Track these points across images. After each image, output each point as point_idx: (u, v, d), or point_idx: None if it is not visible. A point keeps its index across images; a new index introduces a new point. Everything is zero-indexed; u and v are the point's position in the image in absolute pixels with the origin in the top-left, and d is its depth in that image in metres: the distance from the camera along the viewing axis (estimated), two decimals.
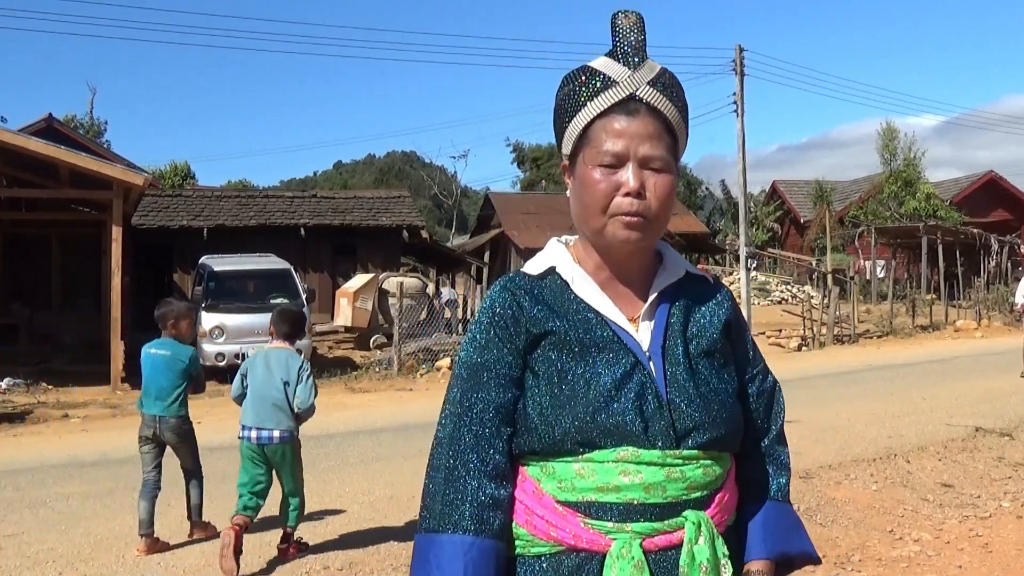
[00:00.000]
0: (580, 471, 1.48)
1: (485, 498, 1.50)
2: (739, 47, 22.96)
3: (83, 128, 36.51)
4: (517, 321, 1.55)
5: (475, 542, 1.48)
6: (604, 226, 1.52)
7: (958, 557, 5.11)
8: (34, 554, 5.52)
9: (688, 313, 1.60)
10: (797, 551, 1.65)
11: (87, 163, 13.83)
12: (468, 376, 1.56)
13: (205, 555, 5.46)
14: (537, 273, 1.60)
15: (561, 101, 1.59)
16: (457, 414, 1.55)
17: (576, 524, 1.48)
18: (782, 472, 1.69)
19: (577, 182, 1.57)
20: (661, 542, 1.47)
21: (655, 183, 1.51)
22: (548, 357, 1.53)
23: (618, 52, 1.56)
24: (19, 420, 11.24)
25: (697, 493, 1.50)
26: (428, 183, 55.37)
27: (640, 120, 1.51)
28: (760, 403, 1.68)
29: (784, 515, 1.66)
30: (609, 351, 1.52)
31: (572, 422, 1.48)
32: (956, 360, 15.98)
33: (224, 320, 14.96)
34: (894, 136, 37.32)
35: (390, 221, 22.53)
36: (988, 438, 8.62)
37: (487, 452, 1.52)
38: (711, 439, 1.51)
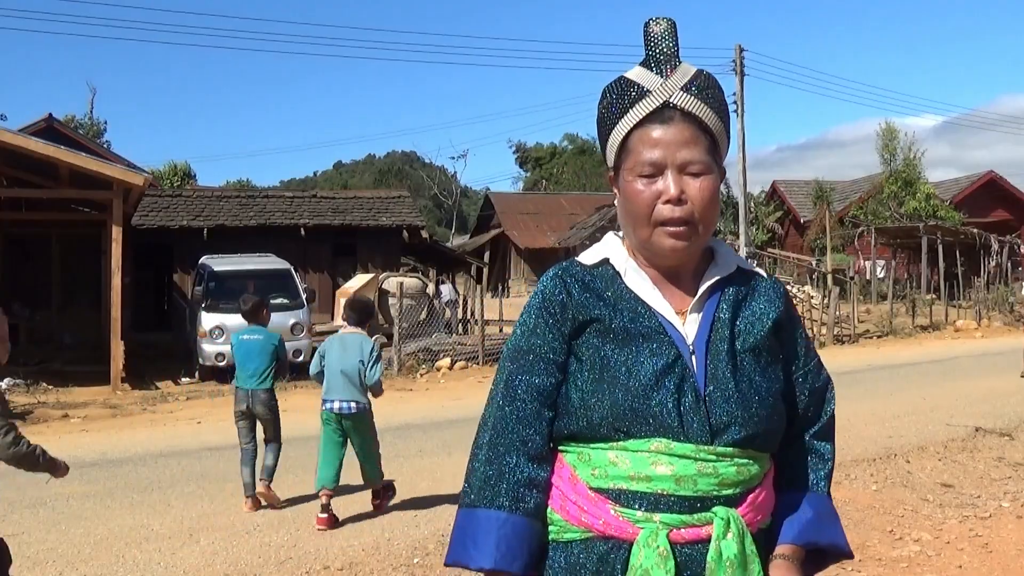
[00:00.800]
0: (614, 459, 1.52)
1: (522, 477, 1.54)
2: (739, 47, 23.00)
3: (83, 128, 36.50)
4: (564, 307, 1.58)
5: (509, 518, 1.52)
6: (650, 235, 1.55)
7: (958, 557, 5.12)
8: (34, 554, 5.52)
9: (737, 308, 1.61)
10: (827, 542, 1.63)
11: (87, 163, 13.83)
12: (514, 359, 1.61)
13: (205, 555, 5.46)
14: (591, 263, 1.64)
15: (601, 114, 1.62)
16: (502, 394, 1.60)
17: (607, 511, 1.51)
18: (822, 464, 1.67)
19: (621, 194, 1.60)
20: (688, 535, 1.48)
21: (696, 187, 1.53)
22: (592, 343, 1.56)
23: (651, 60, 1.59)
24: (19, 420, 11.22)
25: (729, 490, 1.51)
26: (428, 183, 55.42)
27: (675, 127, 1.54)
28: (811, 400, 1.68)
29: (818, 505, 1.64)
30: (653, 341, 1.54)
31: (610, 408, 1.51)
32: (956, 360, 15.99)
33: (224, 320, 14.94)
34: (894, 136, 37.35)
35: (390, 221, 22.53)
36: (988, 438, 8.62)
37: (527, 433, 1.56)
38: (746, 437, 1.51)
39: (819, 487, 1.66)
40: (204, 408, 12.25)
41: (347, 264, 22.03)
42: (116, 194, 14.05)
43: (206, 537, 5.82)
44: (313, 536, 5.82)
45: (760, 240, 38.39)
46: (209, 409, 12.11)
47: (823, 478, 1.67)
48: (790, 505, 1.62)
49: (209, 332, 14.89)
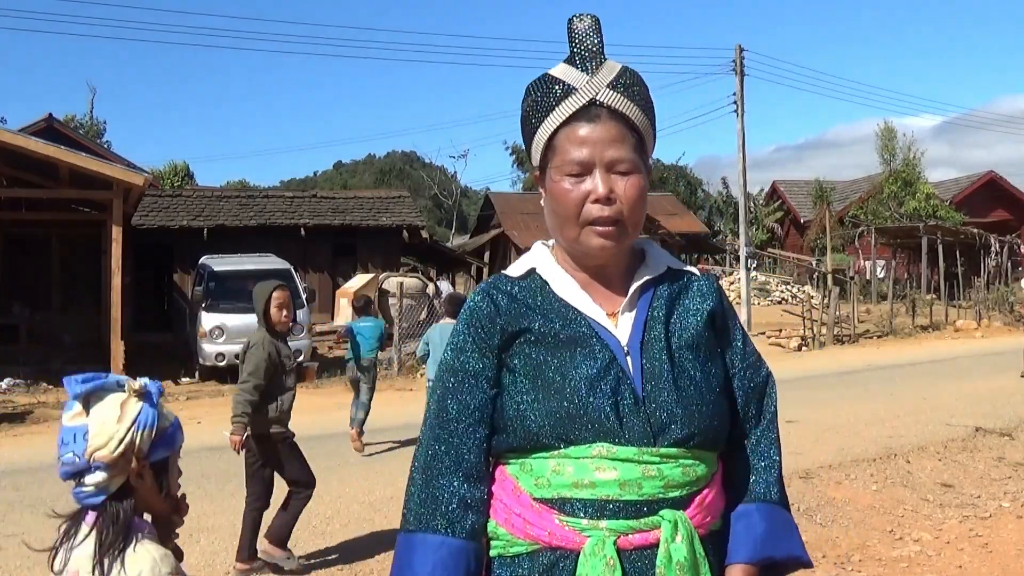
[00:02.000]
0: (556, 467, 1.48)
1: (457, 499, 1.52)
2: (739, 47, 22.97)
3: (83, 128, 36.48)
4: (492, 321, 1.56)
5: (444, 542, 1.50)
6: (578, 235, 1.53)
7: (958, 557, 5.12)
8: (34, 554, 5.51)
9: (671, 306, 1.58)
10: (784, 555, 1.57)
11: (87, 163, 13.82)
12: (445, 379, 1.59)
13: (205, 555, 5.46)
14: (518, 275, 1.61)
15: (526, 112, 1.59)
16: (435, 416, 1.57)
17: (551, 521, 1.48)
18: (772, 468, 1.62)
19: (548, 193, 1.56)
20: (637, 541, 1.45)
21: (624, 186, 1.51)
22: (525, 353, 1.54)
23: (576, 57, 1.55)
24: (19, 420, 11.23)
25: (675, 492, 1.47)
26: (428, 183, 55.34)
27: (602, 125, 1.51)
28: (751, 397, 1.63)
29: (772, 517, 1.58)
30: (586, 346, 1.52)
31: (546, 415, 1.48)
32: (956, 360, 15.98)
33: (224, 320, 14.95)
34: (893, 136, 37.36)
35: (390, 221, 22.53)
36: (988, 438, 8.62)
37: (461, 453, 1.53)
38: (688, 435, 1.48)
39: (771, 495, 1.59)
40: (204, 408, 12.25)
41: (347, 264, 22.04)
42: (116, 194, 14.05)
43: (206, 537, 5.82)
44: (313, 536, 5.83)
45: (760, 240, 38.42)
46: (209, 409, 12.10)
47: (773, 483, 1.61)
48: (742, 518, 1.57)
49: (209, 332, 14.88)
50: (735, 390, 1.62)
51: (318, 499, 6.66)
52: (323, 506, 6.48)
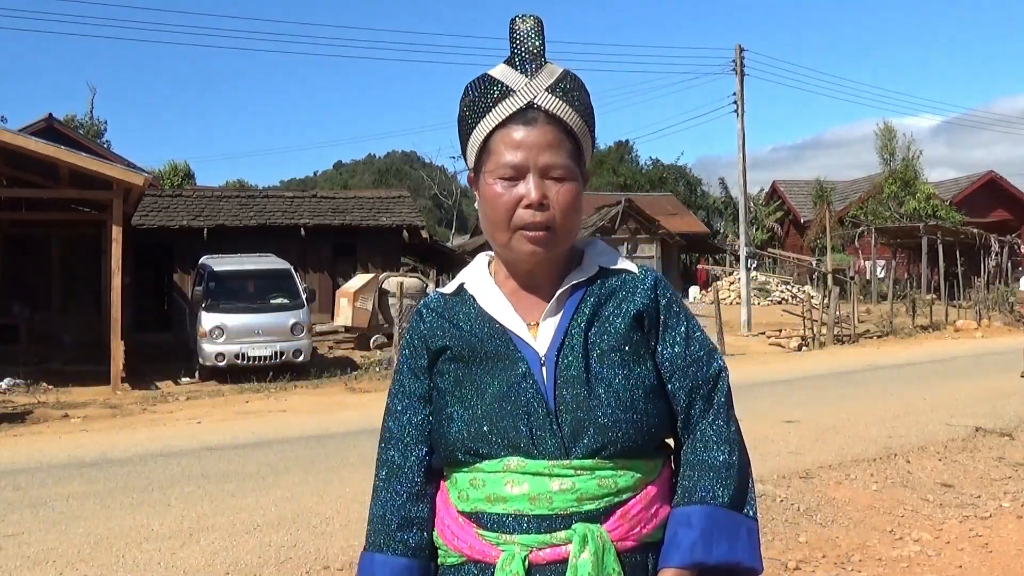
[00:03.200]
0: (472, 481, 1.50)
1: (398, 517, 1.57)
2: (739, 47, 22.97)
3: (83, 128, 36.47)
4: (422, 340, 1.59)
5: (387, 560, 1.55)
6: (509, 240, 1.50)
7: (958, 557, 5.12)
8: (34, 554, 5.52)
9: (597, 309, 1.53)
10: (719, 561, 1.46)
11: (87, 163, 13.82)
12: (389, 399, 1.64)
13: (205, 555, 5.46)
14: (450, 292, 1.62)
15: (462, 112, 1.56)
16: (381, 437, 1.63)
17: (471, 534, 1.49)
18: (714, 473, 1.50)
19: (481, 196, 1.54)
20: (548, 556, 1.43)
21: (557, 192, 1.48)
22: (447, 370, 1.55)
23: (516, 59, 1.53)
24: (19, 420, 11.23)
25: (591, 505, 1.44)
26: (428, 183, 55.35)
27: (538, 129, 1.48)
28: (694, 396, 1.54)
29: (708, 520, 1.47)
30: (502, 360, 1.51)
31: (459, 431, 1.50)
32: (956, 360, 15.98)
33: (224, 320, 14.96)
34: (893, 136, 37.37)
35: (390, 221, 22.53)
36: (988, 438, 8.62)
37: (402, 471, 1.58)
38: (603, 444, 1.45)
39: (714, 495, 1.48)
40: (204, 408, 12.25)
41: (347, 264, 22.03)
42: (116, 194, 14.05)
43: (206, 537, 5.82)
44: (313, 536, 5.82)
45: (760, 240, 38.42)
46: (209, 409, 12.10)
47: (720, 484, 1.49)
48: (676, 522, 1.48)
49: (209, 332, 14.88)
50: (676, 391, 1.54)
51: (318, 499, 6.67)
52: (323, 506, 6.48)
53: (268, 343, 15.09)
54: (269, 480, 7.44)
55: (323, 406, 12.02)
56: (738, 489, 1.51)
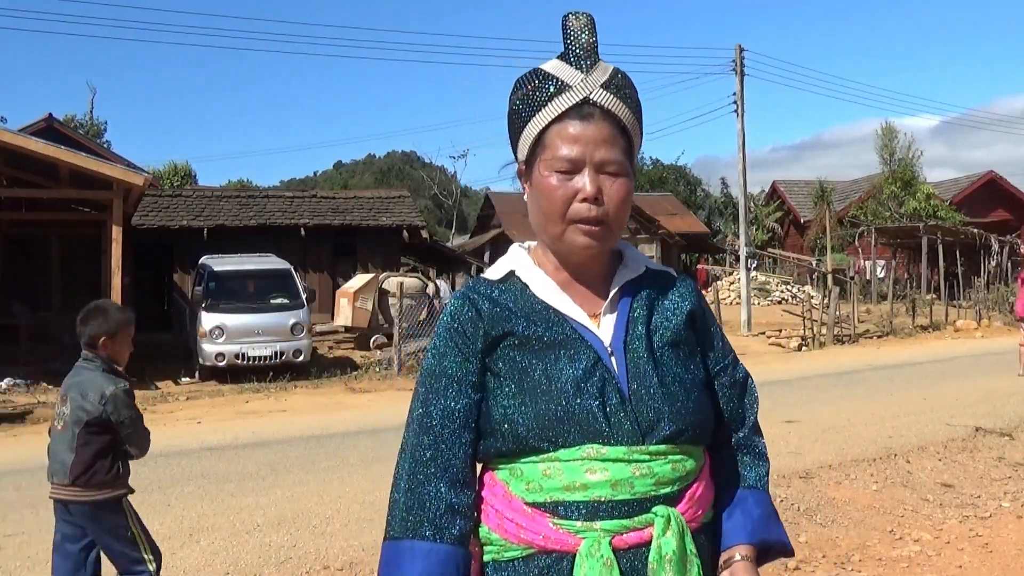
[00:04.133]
0: (546, 471, 1.49)
1: (443, 505, 1.51)
2: (739, 47, 22.96)
3: (83, 128, 36.47)
4: (475, 325, 1.55)
5: (432, 548, 1.49)
6: (563, 232, 1.53)
7: (958, 557, 5.12)
8: (35, 554, 5.52)
9: (651, 306, 1.60)
10: (775, 539, 1.62)
11: (87, 163, 13.82)
12: (428, 384, 1.58)
13: (205, 555, 5.46)
14: (497, 278, 1.61)
15: (515, 106, 1.58)
16: (418, 422, 1.56)
17: (545, 525, 1.48)
18: (760, 462, 1.67)
19: (534, 188, 1.56)
20: (631, 539, 1.46)
21: (612, 187, 1.51)
22: (509, 357, 1.54)
23: (570, 55, 1.55)
24: (19, 420, 11.24)
25: (666, 489, 1.49)
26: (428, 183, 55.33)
27: (595, 124, 1.51)
28: (733, 393, 1.67)
29: (763, 504, 1.63)
30: (570, 348, 1.52)
31: (534, 419, 1.48)
32: (956, 360, 15.98)
33: (224, 320, 14.96)
34: (893, 136, 37.36)
35: (390, 221, 22.52)
36: (988, 438, 8.62)
37: (446, 459, 1.53)
38: (676, 431, 1.50)
39: (762, 484, 1.65)
40: (204, 408, 12.25)
41: (347, 264, 22.03)
42: (116, 194, 14.05)
43: (206, 537, 5.82)
44: (313, 536, 5.82)
45: (760, 240, 38.43)
46: (209, 409, 12.11)
47: (764, 475, 1.66)
48: (739, 503, 1.61)
49: (209, 332, 14.88)
50: (720, 387, 1.65)
51: (318, 499, 6.67)
52: (323, 506, 6.48)
53: (268, 343, 15.09)
54: (269, 480, 7.44)
55: (323, 406, 12.02)
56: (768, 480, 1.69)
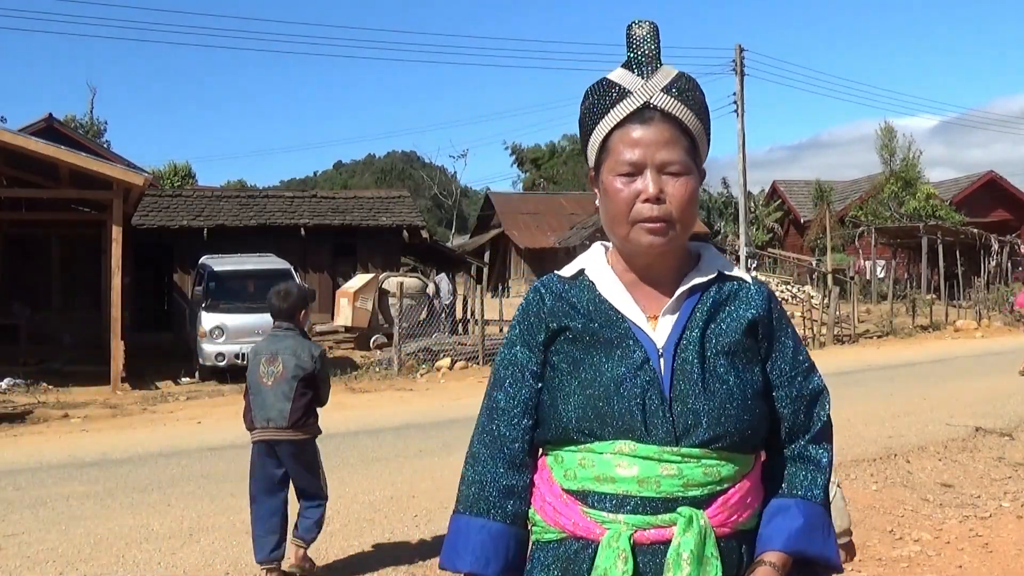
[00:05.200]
0: (582, 460, 1.56)
1: (499, 485, 1.63)
2: (739, 47, 22.99)
3: (83, 128, 36.48)
4: (539, 317, 1.65)
5: (486, 524, 1.62)
6: (628, 233, 1.58)
7: (958, 557, 5.12)
8: (34, 554, 5.52)
9: (714, 311, 1.63)
10: (816, 553, 1.59)
11: (87, 163, 13.82)
12: (499, 371, 1.70)
13: (205, 555, 5.46)
14: (569, 275, 1.69)
15: (583, 114, 1.65)
16: (487, 406, 1.69)
17: (576, 512, 1.56)
18: (816, 472, 1.65)
19: (602, 192, 1.62)
20: (652, 536, 1.51)
21: (674, 187, 1.56)
22: (565, 350, 1.61)
23: (632, 62, 1.62)
24: (19, 420, 11.24)
25: (696, 491, 1.52)
26: (428, 183, 55.40)
27: (655, 127, 1.56)
28: (798, 404, 1.66)
29: (810, 514, 1.60)
30: (621, 347, 1.58)
31: (576, 410, 1.56)
32: (956, 360, 15.98)
33: (224, 320, 14.95)
34: (893, 136, 37.35)
35: (390, 221, 22.52)
36: (988, 438, 8.62)
37: (505, 442, 1.65)
38: (713, 437, 1.53)
39: (813, 495, 1.63)
40: (204, 408, 12.25)
41: (347, 264, 22.03)
42: (116, 194, 14.05)
43: (206, 537, 5.82)
44: None
45: (760, 240, 38.41)
46: (209, 409, 12.11)
47: (819, 486, 1.64)
48: (780, 510, 1.61)
49: (209, 332, 14.88)
50: (782, 397, 1.65)
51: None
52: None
53: None
54: None
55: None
56: (828, 493, 1.67)
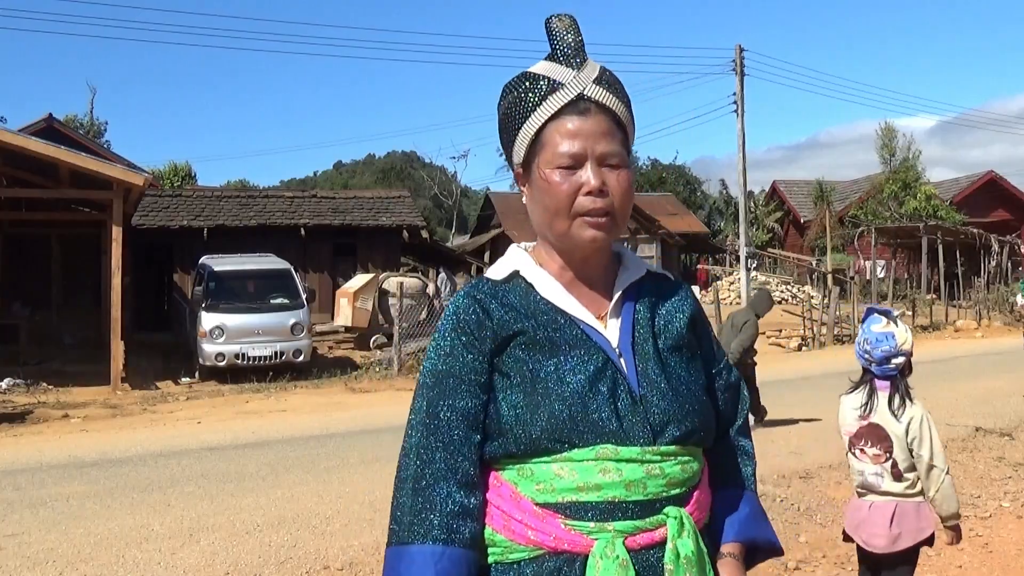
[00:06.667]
0: (559, 471, 1.47)
1: (454, 506, 1.48)
2: (739, 47, 22.98)
3: (83, 128, 36.46)
4: (482, 325, 1.54)
5: (445, 551, 1.46)
6: (569, 227, 1.52)
7: (958, 557, 5.12)
8: (34, 554, 5.52)
9: (653, 309, 1.61)
10: (763, 539, 1.65)
11: (87, 163, 13.82)
12: (434, 384, 1.55)
13: (205, 555, 5.46)
14: (501, 278, 1.60)
15: (507, 110, 1.59)
16: (424, 423, 1.53)
17: (556, 526, 1.47)
18: (747, 462, 1.70)
19: (535, 187, 1.56)
20: (643, 540, 1.46)
21: (615, 179, 1.52)
22: (518, 357, 1.52)
23: (558, 54, 1.57)
24: (19, 420, 11.24)
25: (677, 490, 1.50)
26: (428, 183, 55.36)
27: (592, 119, 1.52)
28: (727, 396, 1.70)
29: (750, 502, 1.66)
30: (579, 349, 1.52)
31: (548, 420, 1.47)
32: (956, 360, 15.98)
33: (224, 320, 14.96)
34: (893, 136, 37.36)
35: (390, 221, 22.52)
36: (988, 438, 8.62)
37: (455, 460, 1.50)
38: (686, 433, 1.51)
39: (751, 483, 1.68)
40: (204, 408, 12.25)
41: (347, 264, 22.03)
42: (116, 194, 14.05)
43: (206, 537, 5.82)
44: (313, 536, 5.82)
45: (760, 240, 38.41)
46: (209, 409, 12.11)
47: (751, 475, 1.69)
48: (729, 502, 1.64)
49: (209, 332, 14.88)
50: (715, 390, 1.68)
51: (318, 499, 6.67)
52: (323, 506, 6.48)
53: (268, 343, 15.09)
54: (269, 480, 7.44)
55: (323, 406, 12.02)
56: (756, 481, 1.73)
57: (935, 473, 3.47)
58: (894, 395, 3.46)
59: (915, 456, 3.47)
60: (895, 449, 3.47)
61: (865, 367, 3.63)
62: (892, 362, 3.49)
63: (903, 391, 3.48)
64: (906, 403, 3.46)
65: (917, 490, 3.50)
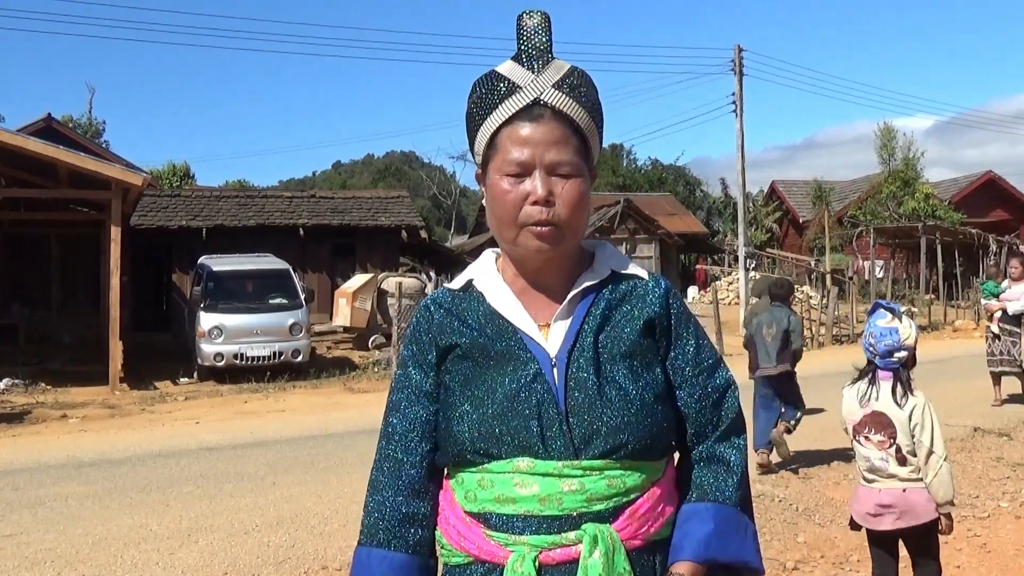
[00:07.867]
0: (480, 482, 1.49)
1: (398, 513, 1.55)
2: (738, 47, 22.96)
3: (82, 128, 36.41)
4: (429, 336, 1.57)
5: (386, 556, 1.54)
6: (516, 236, 1.49)
7: (956, 557, 5.12)
8: (33, 554, 5.52)
9: (608, 313, 1.54)
10: (730, 559, 1.51)
11: (86, 163, 13.81)
12: (393, 394, 1.62)
13: (204, 555, 5.46)
14: (458, 287, 1.60)
15: (470, 109, 1.56)
16: (383, 431, 1.61)
17: (479, 535, 1.48)
18: (726, 473, 1.55)
19: (488, 193, 1.53)
20: (559, 556, 1.43)
21: (564, 189, 1.47)
22: (456, 368, 1.53)
23: (523, 55, 1.52)
24: (18, 420, 11.22)
25: (600, 505, 1.45)
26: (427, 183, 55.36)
27: (545, 125, 1.48)
28: (703, 403, 1.57)
29: (721, 518, 1.51)
30: (513, 360, 1.50)
31: (470, 431, 1.48)
32: (955, 360, 15.96)
33: (223, 320, 14.94)
34: (892, 136, 37.36)
35: (389, 221, 22.51)
36: (986, 438, 8.63)
37: (403, 468, 1.56)
38: (613, 447, 1.45)
39: (725, 497, 1.53)
40: (203, 408, 12.24)
41: (346, 264, 22.01)
42: (115, 194, 14.04)
43: (205, 537, 5.82)
44: (312, 536, 5.82)
45: (759, 240, 38.40)
46: (208, 409, 12.10)
47: (730, 487, 1.54)
48: (689, 517, 1.52)
49: (208, 332, 14.87)
50: (685, 397, 1.57)
51: (316, 499, 6.67)
52: (321, 506, 6.48)
53: (267, 343, 15.08)
54: (268, 480, 7.44)
55: (322, 406, 12.01)
56: (745, 492, 1.57)
57: (934, 459, 3.62)
58: (896, 385, 3.59)
59: (916, 442, 3.54)
60: (898, 435, 3.59)
61: (870, 359, 3.75)
62: (895, 356, 3.59)
63: (905, 381, 3.62)
64: (908, 393, 3.61)
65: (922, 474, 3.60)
